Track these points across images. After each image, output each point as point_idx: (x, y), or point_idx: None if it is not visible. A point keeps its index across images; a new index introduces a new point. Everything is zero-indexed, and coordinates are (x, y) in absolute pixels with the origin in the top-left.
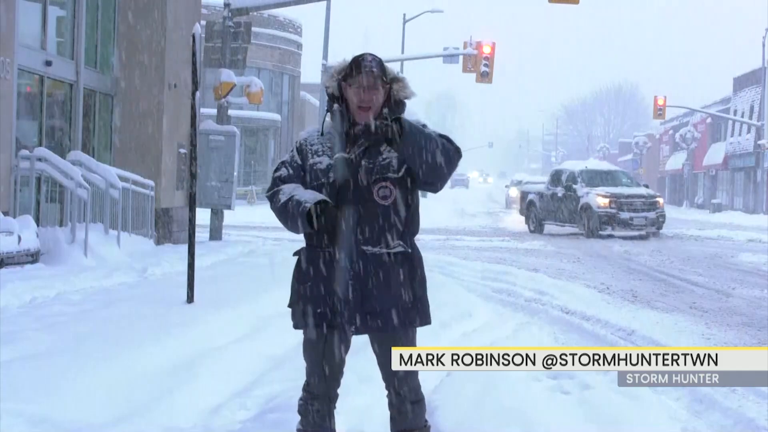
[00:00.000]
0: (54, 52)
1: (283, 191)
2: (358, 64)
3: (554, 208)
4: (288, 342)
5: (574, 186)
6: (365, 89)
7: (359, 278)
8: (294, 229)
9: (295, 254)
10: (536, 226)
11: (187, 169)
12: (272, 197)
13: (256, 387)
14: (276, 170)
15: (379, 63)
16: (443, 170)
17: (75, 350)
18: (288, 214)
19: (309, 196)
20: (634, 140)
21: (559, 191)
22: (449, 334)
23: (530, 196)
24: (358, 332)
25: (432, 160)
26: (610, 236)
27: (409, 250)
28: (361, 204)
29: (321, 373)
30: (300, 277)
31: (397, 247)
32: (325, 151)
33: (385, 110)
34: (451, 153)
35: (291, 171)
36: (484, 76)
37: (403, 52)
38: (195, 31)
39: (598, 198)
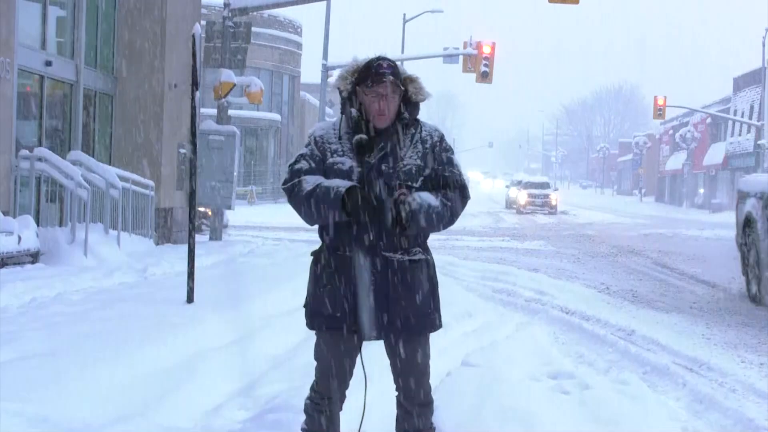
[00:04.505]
0: (54, 52)
1: (306, 181)
2: (375, 72)
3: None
4: (288, 342)
5: None
6: (384, 97)
7: (381, 284)
8: (319, 217)
9: (312, 254)
10: (757, 281)
11: (187, 169)
12: (292, 188)
13: (256, 387)
14: (295, 162)
15: (395, 68)
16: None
17: (75, 350)
18: (315, 201)
19: (339, 183)
20: (634, 140)
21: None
22: (449, 334)
23: (747, 207)
24: (378, 338)
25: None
26: None
27: (430, 258)
28: (380, 209)
29: (332, 375)
30: (318, 279)
31: (417, 254)
32: (346, 153)
33: (405, 114)
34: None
35: (312, 164)
36: (484, 76)
37: (403, 52)
38: (195, 31)
39: None
